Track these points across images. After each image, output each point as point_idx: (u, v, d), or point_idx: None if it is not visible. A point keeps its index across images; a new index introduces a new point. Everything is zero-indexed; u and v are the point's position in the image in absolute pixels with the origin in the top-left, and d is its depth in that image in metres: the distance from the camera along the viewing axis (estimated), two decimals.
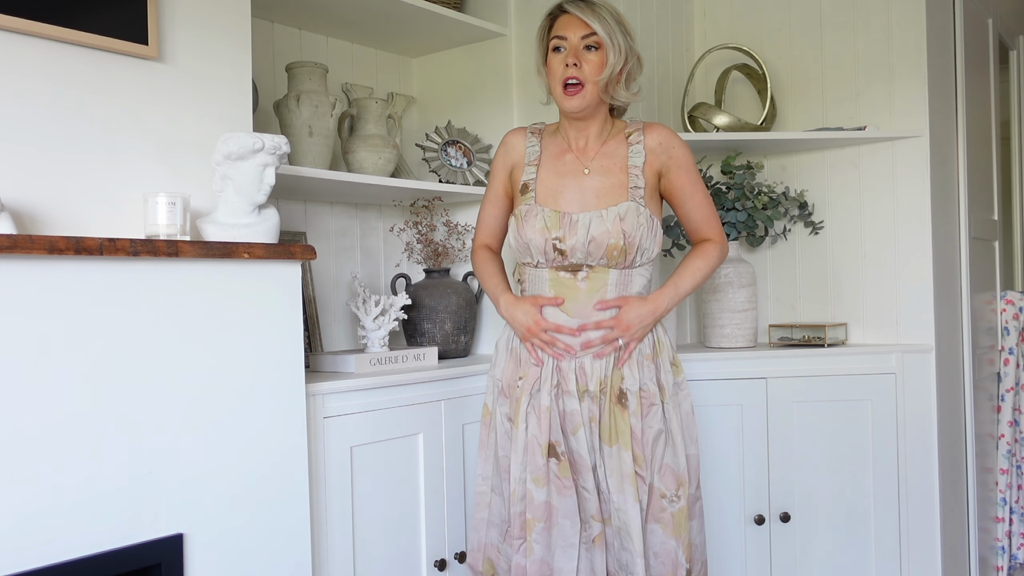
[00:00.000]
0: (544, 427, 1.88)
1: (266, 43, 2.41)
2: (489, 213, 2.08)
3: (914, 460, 2.68)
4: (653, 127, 2.00)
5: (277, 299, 1.78)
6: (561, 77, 1.90)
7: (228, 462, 1.68)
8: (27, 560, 1.41)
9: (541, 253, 1.91)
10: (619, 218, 1.88)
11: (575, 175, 1.96)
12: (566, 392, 1.90)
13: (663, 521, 1.90)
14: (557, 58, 1.91)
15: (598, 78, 1.90)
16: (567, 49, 1.90)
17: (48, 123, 1.59)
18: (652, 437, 1.90)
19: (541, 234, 1.90)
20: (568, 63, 1.89)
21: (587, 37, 1.89)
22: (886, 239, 2.82)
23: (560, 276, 1.91)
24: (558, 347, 1.90)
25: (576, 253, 1.89)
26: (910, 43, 2.78)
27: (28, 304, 1.42)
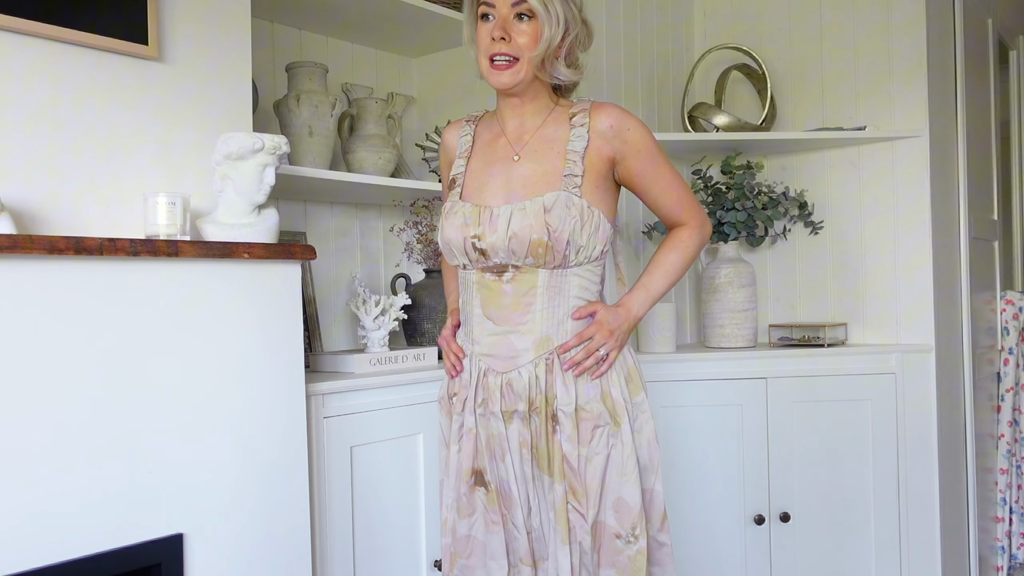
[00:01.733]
0: (468, 450, 1.68)
1: (266, 43, 2.41)
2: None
3: (914, 460, 2.68)
4: (602, 107, 1.70)
5: (277, 299, 1.78)
6: (487, 51, 1.64)
7: (228, 462, 1.68)
8: (27, 560, 1.41)
9: (463, 254, 1.65)
10: (544, 210, 1.60)
11: (504, 163, 1.70)
12: (491, 412, 1.65)
13: (619, 566, 1.61)
14: (484, 28, 1.65)
15: (532, 53, 1.62)
16: (495, 18, 1.63)
17: (48, 123, 1.59)
18: (599, 466, 1.61)
19: (460, 232, 1.64)
20: (495, 36, 1.62)
21: (518, 4, 1.60)
22: (886, 239, 2.82)
23: (486, 279, 1.65)
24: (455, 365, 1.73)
25: (498, 252, 1.62)
26: (910, 43, 2.77)
27: (28, 304, 1.42)
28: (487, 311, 1.66)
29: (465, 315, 1.72)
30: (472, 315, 1.69)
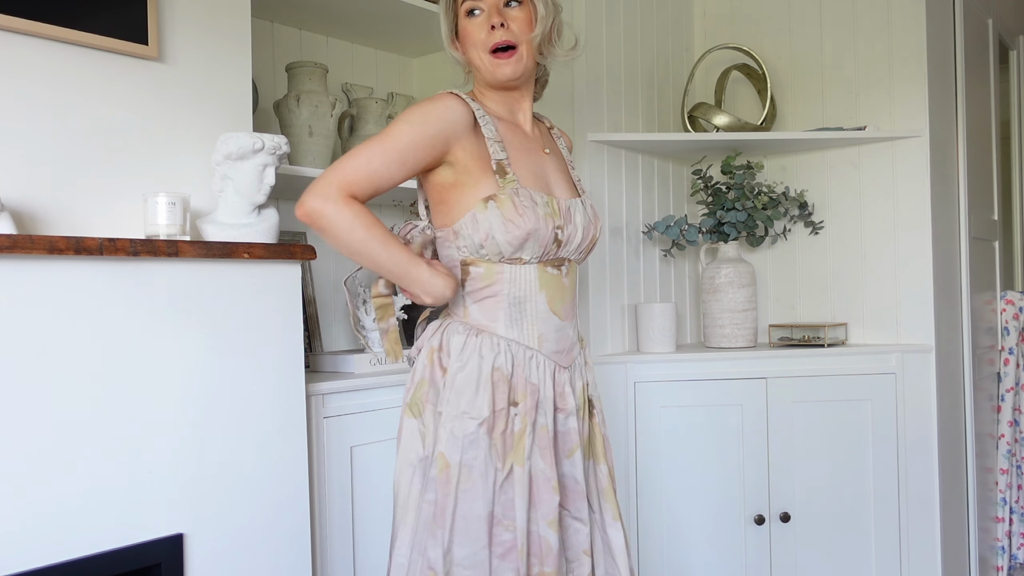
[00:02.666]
0: (549, 457, 1.57)
1: (266, 43, 2.41)
2: (384, 165, 1.51)
3: (914, 460, 2.68)
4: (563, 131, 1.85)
5: (277, 299, 1.78)
6: (487, 44, 1.60)
7: (228, 462, 1.68)
8: (27, 560, 1.41)
9: (541, 245, 1.59)
10: (593, 207, 1.70)
11: (537, 154, 1.69)
12: (562, 409, 1.62)
13: None
14: (474, 23, 1.62)
15: (531, 36, 1.61)
16: (485, 11, 1.61)
17: (48, 123, 1.59)
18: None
19: (546, 222, 1.58)
20: (494, 24, 1.59)
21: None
22: (886, 239, 2.82)
23: (549, 273, 1.62)
24: None
25: (570, 245, 1.64)
26: (910, 43, 2.78)
27: (28, 304, 1.42)
28: (554, 306, 1.62)
29: (520, 312, 1.60)
30: (535, 312, 1.60)
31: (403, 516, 1.58)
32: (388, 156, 1.52)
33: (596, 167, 2.68)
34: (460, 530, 1.52)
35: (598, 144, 2.69)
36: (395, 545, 1.59)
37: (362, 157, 1.51)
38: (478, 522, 1.52)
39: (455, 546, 1.52)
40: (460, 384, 1.56)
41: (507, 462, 1.55)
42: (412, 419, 1.60)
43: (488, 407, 1.54)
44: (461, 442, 1.53)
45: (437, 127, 1.56)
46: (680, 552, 2.61)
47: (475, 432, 1.53)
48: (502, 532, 1.53)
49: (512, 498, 1.54)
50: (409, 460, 1.59)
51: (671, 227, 2.76)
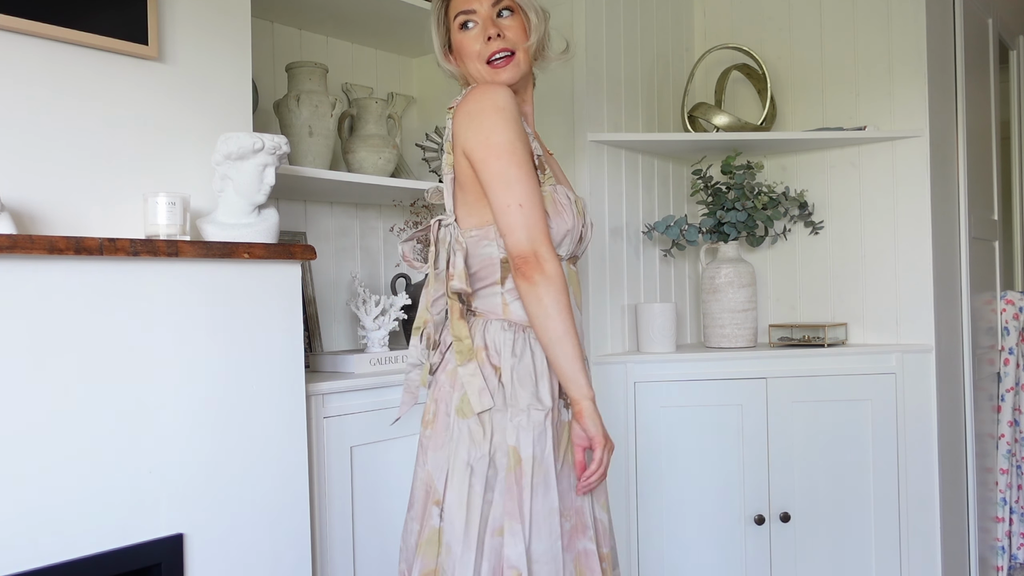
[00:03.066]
0: None
1: (266, 43, 2.41)
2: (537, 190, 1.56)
3: (914, 460, 2.68)
4: None
5: (277, 299, 1.78)
6: (484, 55, 1.63)
7: (228, 462, 1.68)
8: (27, 560, 1.41)
9: (573, 243, 1.64)
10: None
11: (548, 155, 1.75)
12: None
13: None
14: (469, 36, 1.65)
15: (527, 43, 1.65)
16: (479, 23, 1.64)
17: (48, 123, 1.59)
18: None
19: (576, 221, 1.63)
20: (490, 35, 1.63)
21: (498, 3, 1.64)
22: (886, 239, 2.82)
23: (571, 268, 1.67)
24: None
25: (584, 243, 1.69)
26: (910, 43, 2.78)
27: (28, 304, 1.42)
28: (577, 300, 1.65)
29: None
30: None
31: (465, 519, 1.53)
32: (538, 183, 1.58)
33: (596, 167, 2.68)
34: (538, 525, 1.52)
35: (598, 144, 2.69)
36: (457, 551, 1.53)
37: (533, 198, 1.54)
38: (552, 515, 1.53)
39: (534, 541, 1.52)
40: (521, 378, 1.57)
41: (562, 451, 1.58)
42: (464, 420, 1.57)
43: (549, 398, 1.57)
44: (532, 435, 1.54)
45: (521, 121, 1.60)
46: (680, 552, 2.61)
47: (543, 424, 1.55)
48: (564, 523, 1.56)
49: (568, 487, 1.57)
50: (465, 461, 1.55)
51: (671, 227, 2.76)
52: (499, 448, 1.54)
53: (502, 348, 1.59)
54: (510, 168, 1.53)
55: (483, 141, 1.55)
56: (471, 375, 1.57)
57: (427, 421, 1.63)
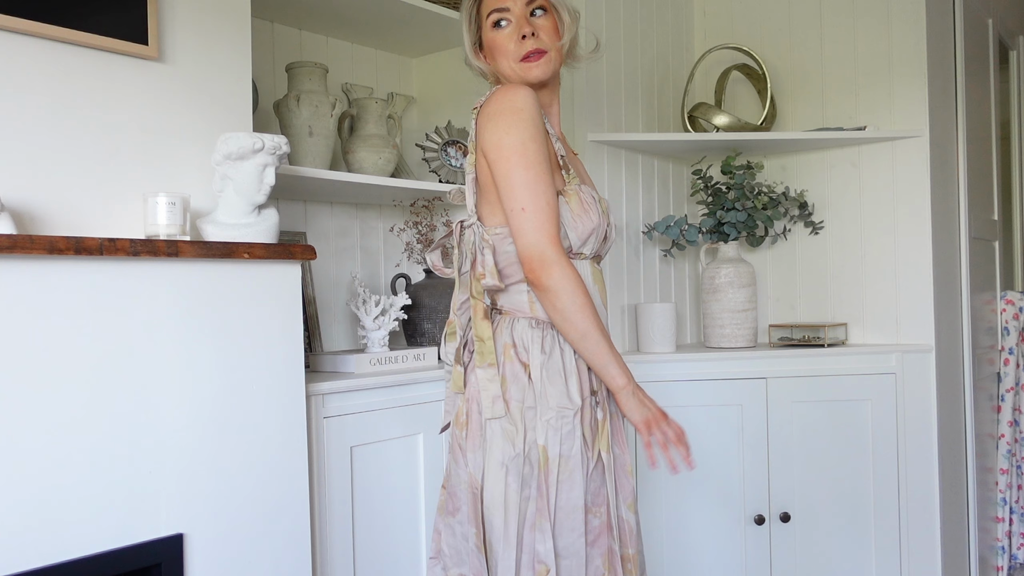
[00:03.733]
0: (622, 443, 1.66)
1: (266, 43, 2.41)
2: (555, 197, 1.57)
3: (914, 460, 2.68)
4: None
5: (277, 299, 1.78)
6: (517, 55, 1.65)
7: (228, 462, 1.68)
8: (27, 560, 1.41)
9: (598, 242, 1.65)
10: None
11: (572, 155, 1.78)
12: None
13: None
14: (502, 34, 1.66)
15: (560, 43, 1.67)
16: (513, 21, 1.65)
17: (48, 123, 1.59)
18: None
19: (603, 219, 1.64)
20: (524, 34, 1.63)
21: (531, 2, 1.66)
22: (886, 239, 2.82)
23: (596, 268, 1.68)
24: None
25: (608, 242, 1.71)
26: (910, 43, 2.78)
27: (28, 304, 1.42)
28: (602, 299, 1.67)
29: None
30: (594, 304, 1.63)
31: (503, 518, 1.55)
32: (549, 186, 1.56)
33: (596, 167, 2.68)
34: (560, 520, 1.54)
35: (598, 144, 2.69)
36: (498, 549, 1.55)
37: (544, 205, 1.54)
38: (576, 512, 1.55)
39: (557, 536, 1.54)
40: (551, 376, 1.58)
41: (595, 449, 1.58)
42: (496, 420, 1.57)
43: (578, 396, 1.58)
44: (560, 433, 1.55)
45: (544, 129, 1.60)
46: (680, 552, 2.61)
47: (572, 422, 1.56)
48: (592, 519, 1.57)
49: (600, 485, 1.58)
50: (500, 462, 1.56)
51: (671, 227, 2.76)
52: (532, 446, 1.56)
53: (531, 346, 1.59)
54: (516, 171, 1.54)
55: (496, 142, 1.56)
56: (489, 380, 1.58)
57: (461, 423, 1.62)
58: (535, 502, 1.54)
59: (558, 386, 1.57)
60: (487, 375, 1.58)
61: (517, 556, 1.54)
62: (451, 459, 1.65)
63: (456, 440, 1.63)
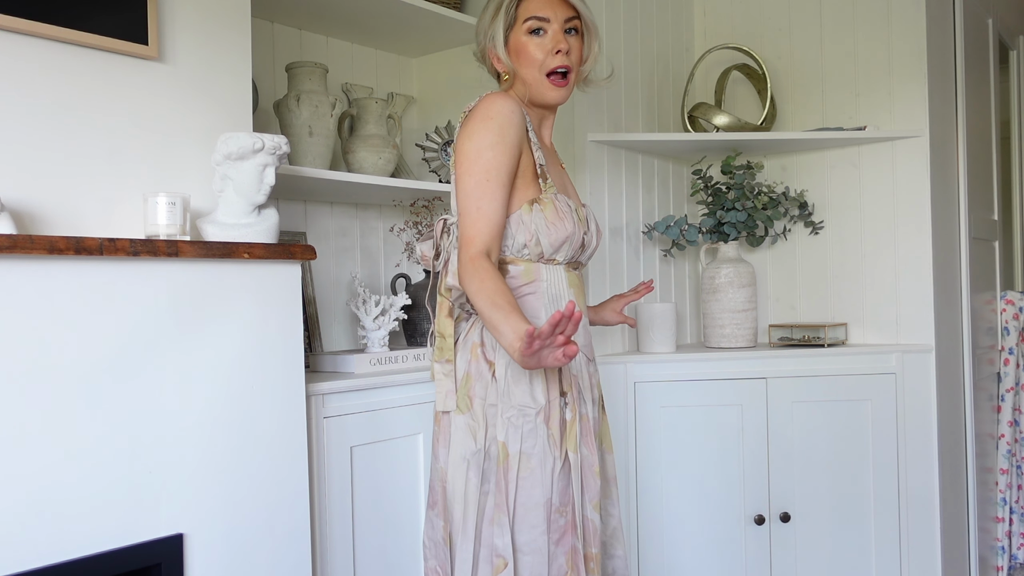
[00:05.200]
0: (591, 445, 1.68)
1: (266, 43, 2.41)
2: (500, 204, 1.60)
3: (914, 460, 2.68)
4: None
5: (277, 299, 1.78)
6: (546, 66, 1.68)
7: (228, 462, 1.68)
8: (27, 560, 1.41)
9: (573, 249, 1.70)
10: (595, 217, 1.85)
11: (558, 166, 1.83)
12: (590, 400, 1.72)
13: None
14: (535, 42, 1.69)
15: (583, 67, 1.74)
16: (550, 33, 1.68)
17: (48, 123, 1.59)
18: None
19: (579, 227, 1.69)
20: (560, 49, 1.68)
21: (570, 20, 1.70)
22: (886, 239, 2.82)
23: (574, 275, 1.74)
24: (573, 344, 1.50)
25: (587, 250, 1.76)
26: (910, 43, 2.78)
27: (28, 304, 1.42)
28: (579, 304, 1.70)
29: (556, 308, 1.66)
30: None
31: (463, 511, 1.60)
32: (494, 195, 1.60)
33: (596, 167, 2.68)
34: (520, 517, 1.58)
35: (598, 144, 2.69)
36: (457, 541, 1.61)
37: (475, 211, 1.59)
38: (537, 508, 1.58)
39: (517, 532, 1.58)
40: (513, 376, 1.61)
41: (562, 450, 1.61)
42: (460, 415, 1.63)
43: (544, 397, 1.61)
44: (521, 431, 1.59)
45: (513, 138, 1.63)
46: (680, 552, 2.61)
47: (533, 421, 1.59)
48: (558, 518, 1.61)
49: (566, 485, 1.61)
50: (462, 456, 1.61)
51: (671, 227, 2.76)
52: (492, 442, 1.60)
53: (497, 346, 1.62)
54: (464, 177, 1.61)
55: (458, 147, 1.65)
56: (445, 375, 1.64)
57: (437, 417, 1.70)
58: (494, 497, 1.58)
59: (522, 385, 1.60)
60: (443, 370, 1.64)
61: (475, 549, 1.58)
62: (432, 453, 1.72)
63: (434, 435, 1.70)
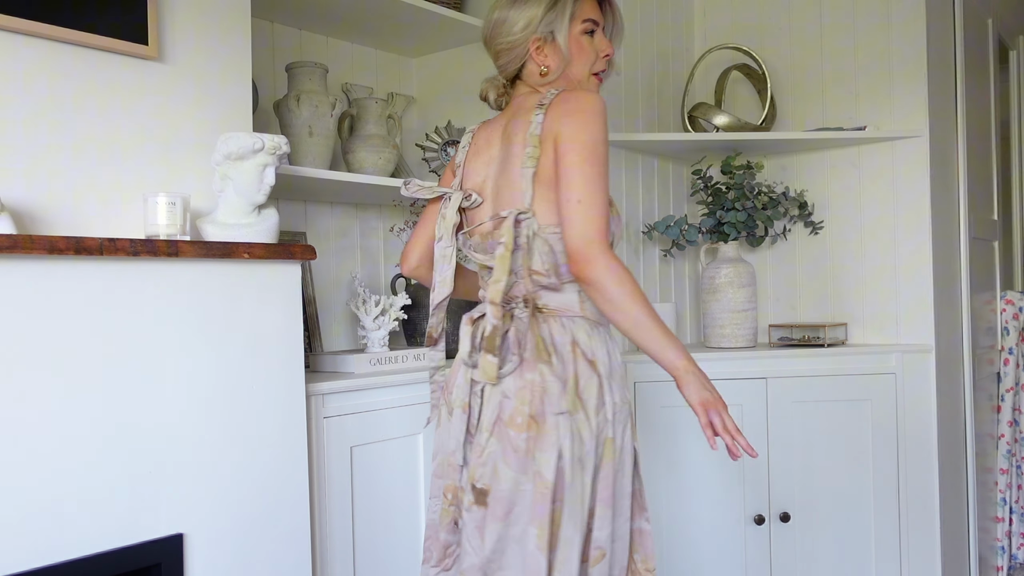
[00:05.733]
0: None
1: (266, 43, 2.41)
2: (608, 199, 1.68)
3: (914, 460, 2.68)
4: None
5: (277, 299, 1.78)
6: (599, 67, 1.77)
7: (228, 462, 1.68)
8: (27, 560, 1.41)
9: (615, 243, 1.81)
10: None
11: None
12: None
13: None
14: (590, 43, 1.75)
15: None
16: (599, 35, 1.76)
17: (48, 123, 1.59)
18: None
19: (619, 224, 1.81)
20: (608, 53, 1.77)
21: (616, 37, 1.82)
22: (886, 239, 2.82)
23: None
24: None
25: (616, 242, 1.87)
26: (910, 43, 2.78)
27: (28, 304, 1.42)
28: None
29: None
30: None
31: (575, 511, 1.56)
32: (607, 185, 1.62)
33: None
34: (616, 507, 1.63)
35: None
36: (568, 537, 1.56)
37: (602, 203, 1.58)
38: (626, 498, 1.66)
39: (613, 522, 1.62)
40: (612, 374, 1.65)
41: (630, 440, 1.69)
42: (572, 416, 1.58)
43: (629, 391, 1.73)
44: (623, 426, 1.64)
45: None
46: (680, 552, 2.61)
47: (627, 416, 1.67)
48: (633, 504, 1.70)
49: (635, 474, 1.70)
50: (578, 456, 1.57)
51: (671, 227, 2.76)
52: (600, 439, 1.60)
53: (596, 347, 1.64)
54: (583, 165, 1.57)
55: (572, 135, 1.60)
56: (555, 377, 1.58)
57: (517, 424, 1.56)
58: (599, 492, 1.60)
59: (619, 382, 1.65)
60: (551, 371, 1.58)
61: (583, 546, 1.59)
62: (496, 463, 1.57)
63: (510, 443, 1.56)
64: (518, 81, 1.78)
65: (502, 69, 1.78)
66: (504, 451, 1.57)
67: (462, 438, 1.62)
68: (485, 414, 1.60)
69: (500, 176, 1.69)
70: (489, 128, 1.77)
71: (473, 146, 1.78)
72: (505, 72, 1.78)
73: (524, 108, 1.70)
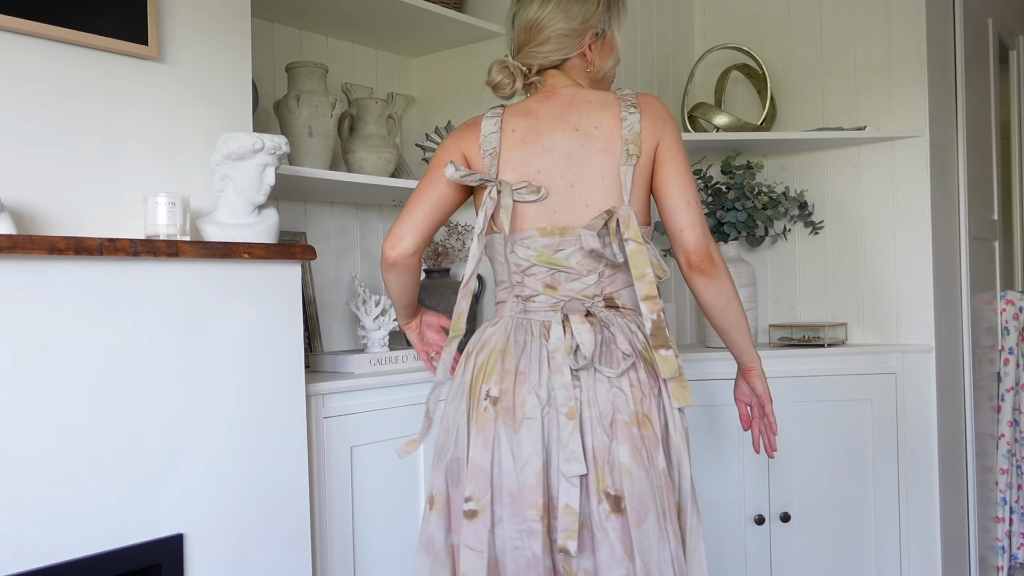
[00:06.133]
0: None
1: (266, 43, 2.41)
2: None
3: (914, 460, 2.68)
4: None
5: (277, 299, 1.78)
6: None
7: (228, 462, 1.68)
8: (27, 560, 1.41)
9: None
10: None
11: None
12: None
13: None
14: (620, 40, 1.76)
15: None
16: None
17: (48, 123, 1.59)
18: None
19: None
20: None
21: None
22: (886, 239, 2.82)
23: None
24: None
25: None
26: (910, 43, 2.78)
27: (28, 304, 1.42)
28: None
29: None
30: None
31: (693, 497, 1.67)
32: None
33: None
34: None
35: None
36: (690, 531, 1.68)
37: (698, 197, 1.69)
38: None
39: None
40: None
41: None
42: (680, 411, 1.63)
43: None
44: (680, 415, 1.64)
45: None
46: None
47: None
48: None
49: None
50: (685, 445, 1.64)
51: None
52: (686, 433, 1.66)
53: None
54: (689, 171, 1.67)
55: (677, 141, 1.66)
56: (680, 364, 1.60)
57: (640, 421, 1.53)
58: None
59: None
60: (645, 366, 1.58)
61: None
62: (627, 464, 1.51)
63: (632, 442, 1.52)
64: (553, 71, 1.67)
65: (543, 56, 1.65)
66: (632, 451, 1.51)
67: (539, 448, 1.51)
68: (593, 414, 1.52)
69: (574, 168, 1.60)
70: (527, 116, 1.64)
71: (509, 132, 1.63)
72: (544, 60, 1.65)
73: (589, 102, 1.63)
